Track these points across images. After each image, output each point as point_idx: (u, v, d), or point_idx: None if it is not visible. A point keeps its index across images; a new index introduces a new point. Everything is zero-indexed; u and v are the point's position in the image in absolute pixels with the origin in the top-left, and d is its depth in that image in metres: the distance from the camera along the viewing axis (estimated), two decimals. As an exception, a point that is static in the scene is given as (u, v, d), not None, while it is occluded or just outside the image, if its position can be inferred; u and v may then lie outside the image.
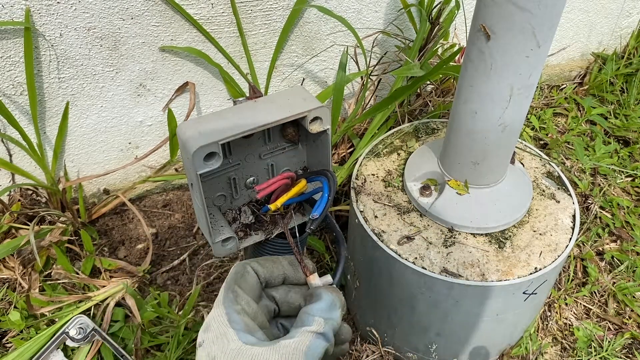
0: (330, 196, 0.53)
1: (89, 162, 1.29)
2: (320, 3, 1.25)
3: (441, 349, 1.01)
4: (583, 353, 1.16)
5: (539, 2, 0.68)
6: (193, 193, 0.55)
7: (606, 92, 1.78)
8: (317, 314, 0.44)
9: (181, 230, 1.35)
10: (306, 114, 0.53)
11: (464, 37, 1.46)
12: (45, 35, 1.05)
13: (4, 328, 1.09)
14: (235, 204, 0.62)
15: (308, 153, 0.64)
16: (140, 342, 1.08)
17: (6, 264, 1.16)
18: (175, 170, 1.36)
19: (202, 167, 0.49)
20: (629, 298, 1.25)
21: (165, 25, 1.13)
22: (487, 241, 0.91)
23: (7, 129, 1.13)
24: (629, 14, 1.80)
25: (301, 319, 0.45)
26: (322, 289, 0.48)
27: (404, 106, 1.38)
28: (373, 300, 1.03)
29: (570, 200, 1.00)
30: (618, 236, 1.38)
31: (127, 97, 1.21)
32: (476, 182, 0.92)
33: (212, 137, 0.49)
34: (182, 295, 1.21)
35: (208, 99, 1.31)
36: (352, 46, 1.33)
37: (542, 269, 0.87)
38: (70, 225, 1.21)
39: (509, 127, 0.83)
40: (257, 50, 1.26)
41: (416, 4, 1.31)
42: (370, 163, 1.06)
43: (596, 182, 1.49)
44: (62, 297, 1.10)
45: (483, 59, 0.76)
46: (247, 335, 0.42)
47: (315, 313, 0.45)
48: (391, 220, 0.94)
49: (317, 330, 0.43)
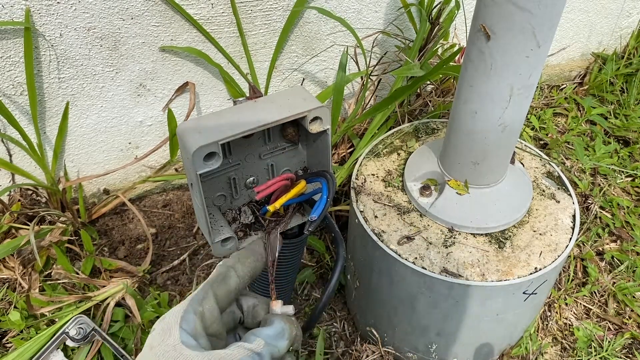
0: (329, 198, 0.53)
1: (89, 162, 1.29)
2: (320, 3, 1.25)
3: (441, 349, 1.01)
4: (583, 353, 1.16)
5: (539, 2, 0.68)
6: (193, 193, 0.55)
7: (606, 92, 1.78)
8: (261, 337, 0.45)
9: (181, 230, 1.35)
10: (306, 114, 0.53)
11: (464, 37, 1.46)
12: (45, 35, 1.05)
13: (4, 328, 1.09)
14: (235, 204, 0.62)
15: (308, 153, 0.64)
16: (140, 342, 1.08)
17: (6, 264, 1.16)
18: (175, 170, 1.36)
19: (201, 167, 0.49)
20: (629, 298, 1.25)
21: (165, 25, 1.13)
22: (487, 241, 0.91)
23: (7, 129, 1.13)
24: (629, 14, 1.80)
25: (244, 337, 0.45)
26: (277, 317, 0.48)
27: (404, 106, 1.38)
28: (373, 300, 1.03)
29: (570, 200, 1.00)
30: (618, 236, 1.38)
31: (127, 97, 1.21)
32: (476, 182, 0.92)
33: (212, 137, 0.49)
34: (182, 295, 1.21)
35: (208, 99, 1.31)
36: (352, 46, 1.33)
37: (542, 269, 0.87)
38: (70, 225, 1.21)
39: (509, 127, 0.83)
40: (257, 50, 1.26)
41: (416, 4, 1.31)
42: (370, 163, 1.06)
43: (596, 182, 1.49)
44: (62, 297, 1.10)
45: (483, 59, 0.76)
46: (189, 337, 0.42)
47: (259, 335, 0.45)
48: (391, 220, 0.94)
49: (254, 350, 0.43)
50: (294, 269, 0.74)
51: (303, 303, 1.24)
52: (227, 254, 0.57)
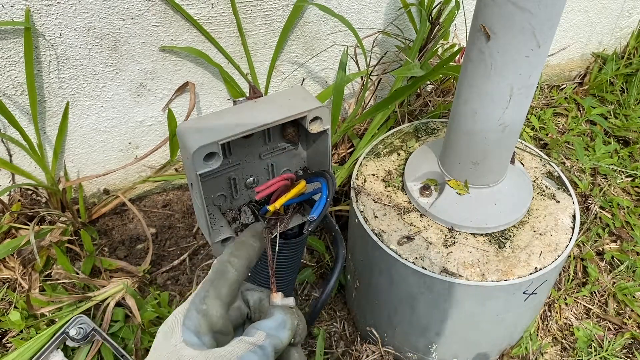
0: (328, 198, 0.53)
1: (89, 162, 1.29)
2: (320, 3, 1.25)
3: (441, 349, 1.01)
4: (583, 353, 1.16)
5: (539, 2, 0.68)
6: (193, 193, 0.55)
7: (606, 92, 1.78)
8: (262, 329, 0.44)
9: (181, 230, 1.35)
10: (306, 114, 0.53)
11: (464, 37, 1.46)
12: (45, 35, 1.05)
13: (4, 328, 1.09)
14: (235, 204, 0.62)
15: (308, 153, 0.64)
16: (140, 342, 1.08)
17: (6, 264, 1.16)
18: (175, 170, 1.36)
19: (202, 167, 0.49)
20: (629, 298, 1.25)
21: (165, 25, 1.14)
22: (487, 241, 0.91)
23: (7, 129, 1.13)
24: (629, 14, 1.80)
25: (246, 331, 0.44)
26: (278, 309, 0.47)
27: (404, 106, 1.38)
28: (373, 300, 1.03)
29: (570, 200, 1.00)
30: (618, 236, 1.38)
31: (127, 97, 1.21)
32: (476, 182, 0.92)
33: (212, 137, 0.49)
34: (182, 295, 1.21)
35: (208, 99, 1.31)
36: (352, 46, 1.33)
37: (542, 269, 0.87)
38: (70, 225, 1.21)
39: (509, 127, 0.83)
40: (257, 50, 1.26)
41: (416, 4, 1.31)
42: (370, 163, 1.06)
43: (596, 182, 1.49)
44: (62, 297, 1.10)
45: (483, 59, 0.76)
46: (192, 335, 0.42)
47: (260, 328, 0.44)
48: (391, 220, 0.94)
49: (255, 342, 0.42)
50: (294, 269, 0.73)
51: (303, 303, 1.24)
52: None
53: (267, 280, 0.74)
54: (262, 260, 0.63)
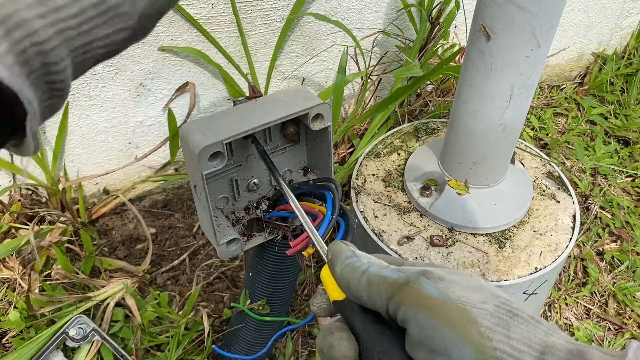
0: (333, 215, 0.52)
1: (89, 162, 1.29)
2: (321, 3, 1.25)
3: (441, 349, 1.00)
4: (583, 353, 1.16)
5: (539, 2, 0.68)
6: (196, 195, 0.55)
7: (606, 92, 1.78)
8: None
9: (181, 230, 1.35)
10: (308, 111, 0.54)
11: (464, 37, 1.46)
12: (45, 35, 1.05)
13: (4, 328, 1.09)
14: (237, 206, 0.62)
15: (308, 152, 0.64)
16: (140, 342, 1.08)
17: (6, 264, 1.16)
18: (175, 170, 1.36)
19: (207, 167, 0.49)
20: (629, 298, 1.25)
21: (165, 25, 1.13)
22: (487, 241, 0.91)
23: (7, 129, 1.13)
24: (629, 14, 1.80)
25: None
26: None
27: (404, 106, 1.38)
28: (373, 300, 1.03)
29: (570, 200, 1.00)
30: (618, 236, 1.38)
31: (127, 97, 1.21)
32: (476, 182, 0.92)
33: (216, 137, 0.49)
34: (182, 295, 1.21)
35: (208, 99, 1.31)
36: (352, 46, 1.33)
37: (542, 269, 0.87)
38: (70, 225, 1.21)
39: (509, 127, 0.83)
40: (257, 50, 1.26)
41: (416, 4, 1.31)
42: (370, 163, 1.06)
43: (596, 182, 1.50)
44: (62, 297, 1.10)
45: (483, 59, 0.76)
46: None
47: None
48: (391, 221, 0.94)
49: None
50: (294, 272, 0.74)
51: (303, 303, 1.24)
52: (232, 255, 0.57)
53: (264, 293, 0.75)
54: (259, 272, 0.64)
